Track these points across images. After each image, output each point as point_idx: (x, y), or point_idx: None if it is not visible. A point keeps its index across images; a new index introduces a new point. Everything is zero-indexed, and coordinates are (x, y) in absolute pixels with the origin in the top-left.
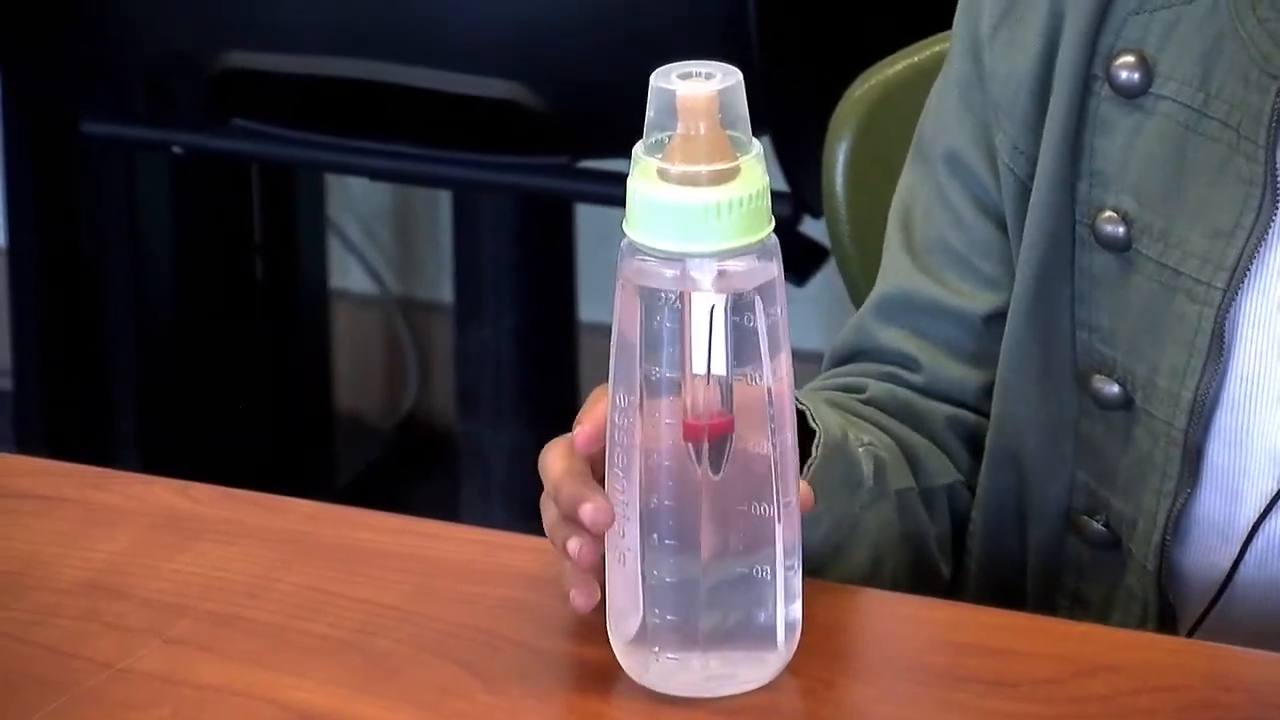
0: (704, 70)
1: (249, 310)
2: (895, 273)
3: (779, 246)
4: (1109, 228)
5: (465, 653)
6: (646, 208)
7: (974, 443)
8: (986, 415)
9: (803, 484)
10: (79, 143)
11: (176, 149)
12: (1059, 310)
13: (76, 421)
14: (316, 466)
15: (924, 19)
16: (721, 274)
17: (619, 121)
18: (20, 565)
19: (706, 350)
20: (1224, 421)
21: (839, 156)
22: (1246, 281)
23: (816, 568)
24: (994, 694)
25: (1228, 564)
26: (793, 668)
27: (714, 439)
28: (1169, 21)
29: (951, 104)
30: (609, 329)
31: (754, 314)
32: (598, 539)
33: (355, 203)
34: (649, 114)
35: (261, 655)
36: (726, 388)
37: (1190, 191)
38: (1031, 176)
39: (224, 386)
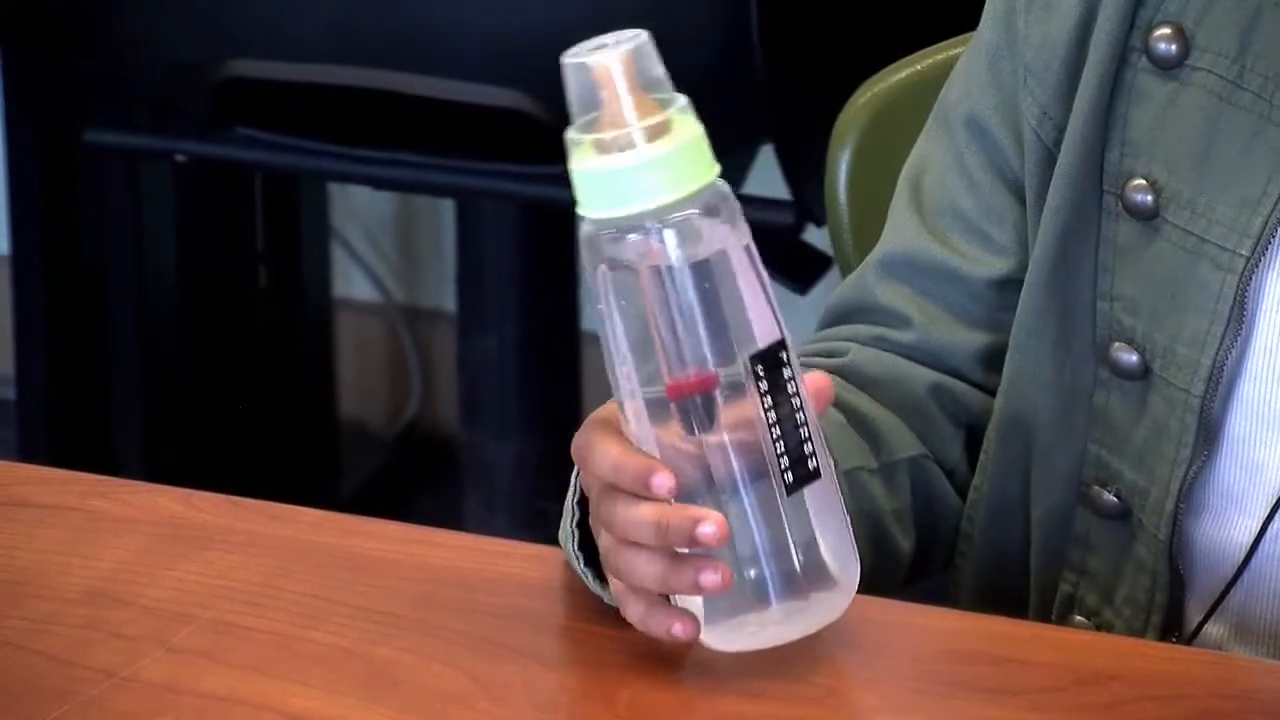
0: (610, 40)
1: (252, 318)
2: (901, 232)
3: (733, 194)
4: (1138, 196)
5: (469, 661)
6: (593, 182)
7: (959, 412)
8: (976, 385)
9: (819, 376)
10: (82, 151)
11: (180, 157)
12: (1079, 279)
13: (80, 430)
14: (320, 475)
15: (927, 27)
16: (678, 228)
17: None
18: (22, 574)
19: (677, 308)
20: (1245, 393)
21: (842, 164)
22: (1272, 253)
23: None
24: (995, 702)
25: (1246, 537)
26: (794, 675)
27: (700, 394)
28: None
29: (978, 71)
30: None
31: (720, 264)
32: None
33: (358, 211)
34: (570, 97)
35: (264, 664)
36: (704, 342)
37: (1220, 161)
38: (1059, 144)
39: (227, 395)
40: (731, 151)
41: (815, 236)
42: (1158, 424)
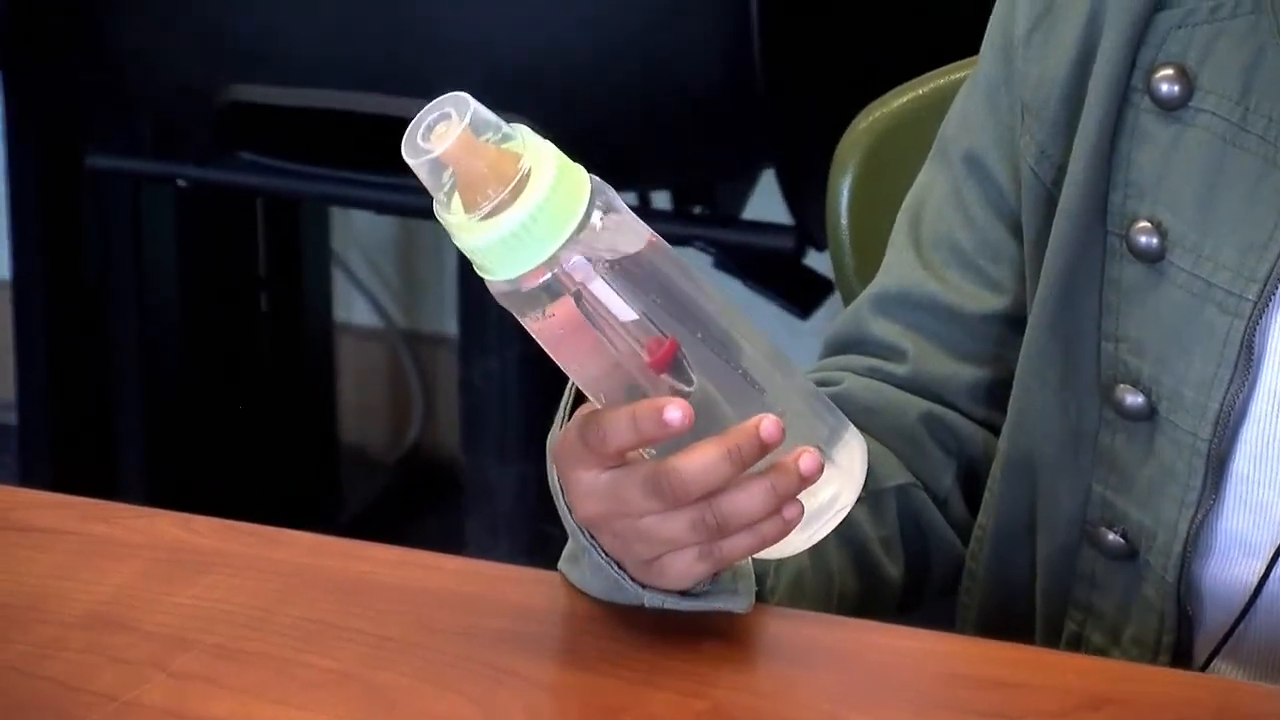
0: (435, 115)
1: (254, 343)
2: (898, 267)
3: (602, 182)
4: (1143, 238)
5: (468, 685)
6: (499, 249)
7: (951, 442)
8: (969, 416)
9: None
10: (84, 175)
11: (182, 182)
12: (1084, 319)
13: (81, 454)
14: (321, 499)
15: (928, 53)
16: (595, 238)
17: (622, 155)
18: (25, 598)
19: (621, 303)
20: (1250, 434)
21: (843, 189)
22: (1278, 295)
23: (783, 598)
24: None
25: (1251, 578)
26: (797, 700)
27: (673, 359)
28: (1210, 36)
29: (977, 106)
30: None
31: (632, 242)
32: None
33: (360, 236)
34: (425, 181)
35: (265, 688)
36: (666, 305)
37: (1225, 204)
38: (1057, 182)
39: (228, 419)
40: (733, 176)
41: (817, 261)
42: (1164, 466)
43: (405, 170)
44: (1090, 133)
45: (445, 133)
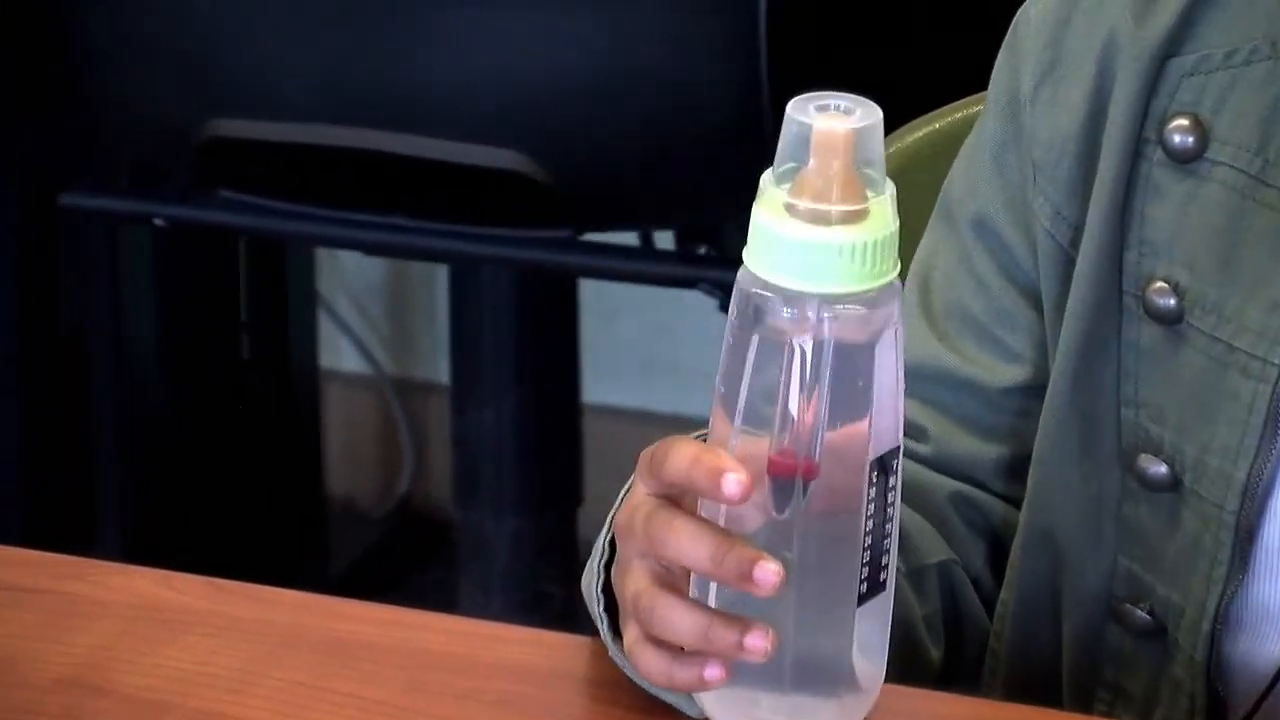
0: (843, 104)
1: (236, 391)
2: (910, 339)
3: (900, 291)
4: (1160, 299)
5: None
6: (769, 241)
7: (980, 521)
8: (997, 494)
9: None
10: (59, 214)
11: (160, 221)
12: (1103, 385)
13: (56, 508)
14: (307, 555)
15: (943, 87)
16: (840, 317)
17: (625, 193)
18: None
19: (811, 393)
20: (1279, 504)
21: None
22: None
23: None
24: None
25: None
26: None
27: (803, 480)
28: (1225, 84)
29: (983, 166)
30: (613, 410)
31: (866, 362)
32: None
33: (347, 278)
34: (781, 142)
35: None
36: (819, 433)
37: (1247, 262)
38: (1074, 243)
39: (210, 471)
40: (743, 214)
41: None
42: (1191, 539)
43: (395, 209)
44: (1104, 189)
45: (833, 123)
